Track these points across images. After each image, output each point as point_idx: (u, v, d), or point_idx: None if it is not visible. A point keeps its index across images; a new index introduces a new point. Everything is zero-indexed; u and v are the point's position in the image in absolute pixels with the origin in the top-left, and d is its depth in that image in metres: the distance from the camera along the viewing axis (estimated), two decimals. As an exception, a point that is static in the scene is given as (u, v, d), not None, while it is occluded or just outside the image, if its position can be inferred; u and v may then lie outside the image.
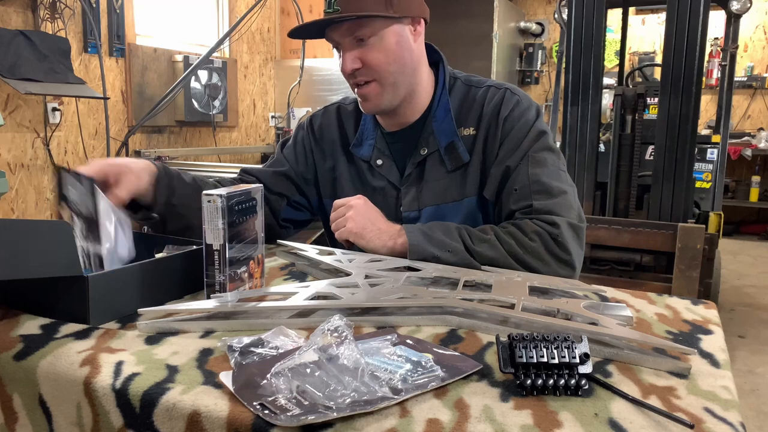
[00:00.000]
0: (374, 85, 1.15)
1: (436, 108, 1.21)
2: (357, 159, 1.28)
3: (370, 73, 1.14)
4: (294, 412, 0.65)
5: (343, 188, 1.30)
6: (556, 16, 3.72)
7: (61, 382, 0.78)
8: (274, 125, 4.80)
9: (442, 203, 1.20)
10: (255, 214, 1.03)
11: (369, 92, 1.16)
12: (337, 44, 1.16)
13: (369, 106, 1.19)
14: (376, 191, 1.25)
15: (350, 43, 1.13)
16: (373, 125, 1.28)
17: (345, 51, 1.13)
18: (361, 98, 1.17)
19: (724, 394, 0.74)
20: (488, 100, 1.20)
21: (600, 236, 2.85)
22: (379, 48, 1.13)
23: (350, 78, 1.17)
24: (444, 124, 1.20)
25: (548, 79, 6.48)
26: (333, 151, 1.33)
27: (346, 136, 1.31)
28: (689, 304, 1.08)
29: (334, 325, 0.75)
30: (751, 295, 4.06)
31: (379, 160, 1.25)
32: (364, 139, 1.27)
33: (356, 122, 1.31)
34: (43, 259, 0.86)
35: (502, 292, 0.98)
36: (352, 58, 1.12)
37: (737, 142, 5.59)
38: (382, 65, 1.14)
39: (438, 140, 1.20)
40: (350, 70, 1.12)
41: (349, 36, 1.12)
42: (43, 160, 3.46)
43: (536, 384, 0.71)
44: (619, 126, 3.10)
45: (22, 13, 3.28)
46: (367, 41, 1.12)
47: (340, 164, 1.31)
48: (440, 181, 1.20)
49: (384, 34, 1.12)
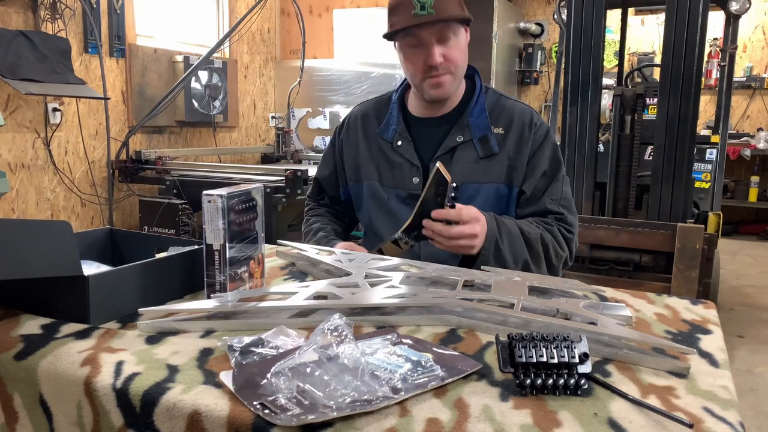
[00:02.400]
0: (448, 77, 1.37)
1: (473, 106, 1.45)
2: (381, 141, 1.51)
3: (448, 67, 1.36)
4: (294, 412, 0.65)
5: (365, 166, 1.52)
6: (556, 16, 3.72)
7: (62, 382, 0.78)
8: (275, 125, 4.80)
9: (466, 182, 1.40)
10: (255, 214, 1.04)
11: (444, 81, 1.37)
12: (420, 42, 1.33)
13: (442, 92, 1.39)
14: (395, 166, 1.47)
15: (436, 42, 1.32)
16: (397, 114, 1.50)
17: (430, 47, 1.32)
18: (436, 86, 1.37)
19: (723, 393, 0.74)
20: (518, 110, 1.46)
21: (599, 236, 2.85)
22: (457, 46, 1.35)
23: (429, 71, 1.35)
24: (480, 120, 1.44)
25: (547, 79, 6.47)
26: (357, 140, 1.55)
27: (374, 125, 1.55)
28: (688, 304, 1.09)
29: (334, 324, 0.76)
30: (750, 295, 4.06)
31: (399, 141, 1.48)
32: (389, 125, 1.51)
33: (383, 113, 1.55)
34: (43, 259, 0.86)
35: (502, 292, 0.99)
36: (439, 54, 1.32)
37: (736, 142, 5.59)
38: (458, 61, 1.37)
39: (472, 132, 1.43)
40: (438, 63, 1.33)
41: (437, 35, 1.32)
42: (43, 161, 3.46)
43: (536, 383, 0.71)
44: (618, 126, 3.10)
45: (22, 14, 3.28)
46: (450, 40, 1.34)
47: (361, 149, 1.54)
48: (468, 164, 1.42)
49: (460, 34, 1.37)
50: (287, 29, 5.42)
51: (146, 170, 3.78)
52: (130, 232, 1.31)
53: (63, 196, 3.60)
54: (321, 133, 4.86)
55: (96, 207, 3.78)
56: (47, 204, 3.51)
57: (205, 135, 4.58)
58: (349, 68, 4.75)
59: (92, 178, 3.73)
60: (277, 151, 4.67)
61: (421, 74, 1.37)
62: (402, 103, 1.53)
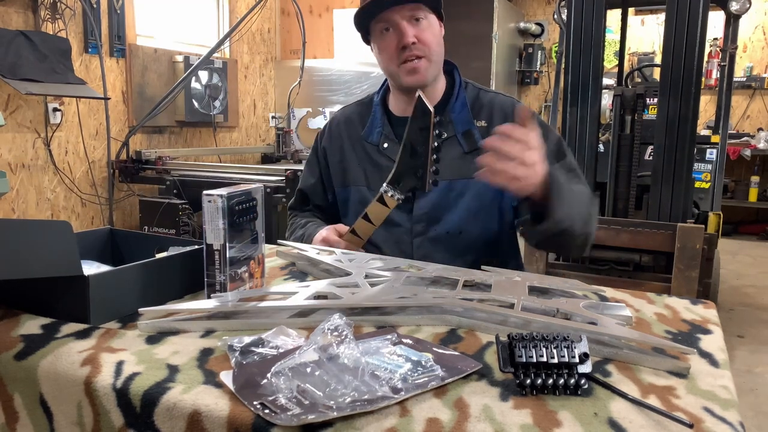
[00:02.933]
0: (424, 61, 1.35)
1: (454, 102, 1.43)
2: (366, 144, 1.48)
3: (422, 49, 1.34)
4: (294, 412, 0.65)
5: (352, 171, 1.49)
6: (556, 16, 3.71)
7: (62, 382, 0.78)
8: (275, 126, 4.80)
9: (455, 179, 1.38)
10: (255, 214, 1.04)
11: (419, 66, 1.35)
12: (390, 25, 1.34)
13: (418, 78, 1.36)
14: (382, 169, 1.42)
15: (408, 22, 1.33)
16: (380, 115, 1.49)
17: (403, 28, 1.33)
18: (411, 71, 1.36)
19: (723, 393, 0.74)
20: (499, 102, 1.44)
21: (599, 236, 2.84)
22: (429, 29, 1.36)
23: (403, 52, 1.34)
24: (461, 115, 1.42)
25: (547, 79, 6.47)
26: (342, 144, 1.53)
27: (358, 128, 1.52)
28: (688, 304, 1.09)
29: (334, 324, 0.76)
30: (750, 295, 4.06)
31: (385, 143, 1.45)
32: (373, 128, 1.49)
33: (365, 116, 1.52)
34: (43, 259, 0.86)
35: (502, 292, 0.99)
36: (412, 33, 1.32)
37: (736, 142, 5.58)
38: (432, 44, 1.36)
39: (455, 127, 1.41)
40: (410, 42, 1.32)
41: (408, 16, 1.33)
42: (43, 161, 3.46)
43: (536, 383, 0.71)
44: (618, 126, 3.10)
45: (22, 14, 3.28)
46: (421, 22, 1.34)
47: (347, 153, 1.51)
48: (454, 160, 1.39)
49: (431, 19, 1.37)
50: (287, 29, 5.42)
51: (146, 170, 3.79)
52: (131, 232, 1.31)
53: (63, 196, 3.60)
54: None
55: (96, 207, 3.78)
56: (47, 204, 3.51)
57: (205, 135, 4.58)
58: (349, 68, 4.75)
59: (92, 178, 3.74)
60: (277, 151, 4.68)
61: (396, 60, 1.35)
62: (384, 104, 1.51)
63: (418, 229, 1.40)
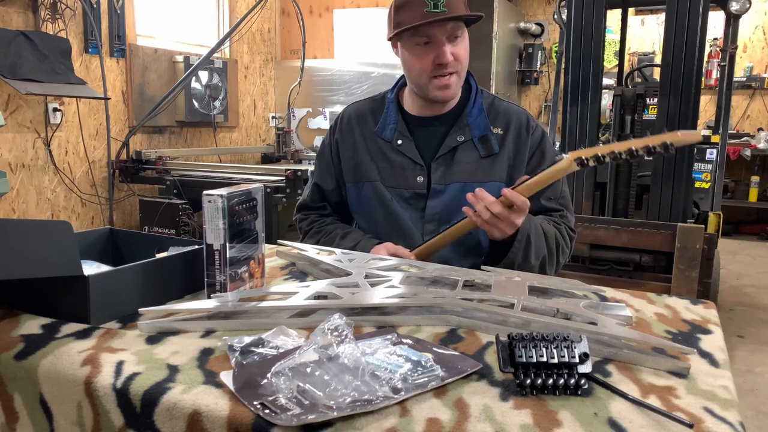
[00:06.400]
0: (455, 77, 1.37)
1: (471, 107, 1.45)
2: (379, 140, 1.49)
3: (456, 66, 1.36)
4: (294, 412, 0.65)
5: (364, 166, 1.49)
6: (556, 16, 3.71)
7: (62, 382, 0.78)
8: (275, 125, 4.80)
9: (469, 182, 1.40)
10: (255, 214, 1.04)
11: (451, 82, 1.37)
12: (431, 40, 1.33)
13: (449, 93, 1.39)
14: (395, 165, 1.46)
15: (446, 40, 1.33)
16: (395, 112, 1.49)
17: (441, 45, 1.32)
18: (443, 87, 1.37)
19: (724, 393, 0.74)
20: (515, 112, 1.48)
21: (599, 236, 2.85)
22: (463, 45, 1.37)
23: (438, 68, 1.34)
24: (479, 120, 1.45)
25: (548, 79, 6.47)
26: (354, 140, 1.52)
27: (370, 124, 1.52)
28: (688, 304, 1.09)
29: (334, 324, 0.76)
30: (750, 295, 4.06)
31: (399, 140, 1.46)
32: (387, 124, 1.49)
33: (378, 112, 1.53)
34: (43, 259, 0.86)
35: (502, 292, 0.99)
36: (450, 52, 1.33)
37: (736, 142, 5.58)
38: (465, 60, 1.38)
39: (472, 131, 1.44)
40: (449, 62, 1.33)
41: (448, 33, 1.32)
42: (44, 161, 3.46)
43: (536, 383, 0.71)
44: (618, 126, 3.10)
45: (22, 14, 3.28)
46: (458, 39, 1.35)
47: (359, 148, 1.51)
48: (470, 164, 1.43)
49: (465, 34, 1.38)
50: (287, 29, 5.42)
51: (146, 170, 3.79)
52: (131, 232, 1.31)
53: (63, 196, 3.60)
54: (321, 133, 4.86)
55: (96, 207, 3.78)
56: (47, 204, 3.51)
57: (205, 135, 4.58)
58: (349, 68, 4.75)
59: (92, 178, 3.74)
60: (278, 151, 4.68)
61: (428, 74, 1.36)
62: (398, 102, 1.51)
63: (430, 228, 1.42)
